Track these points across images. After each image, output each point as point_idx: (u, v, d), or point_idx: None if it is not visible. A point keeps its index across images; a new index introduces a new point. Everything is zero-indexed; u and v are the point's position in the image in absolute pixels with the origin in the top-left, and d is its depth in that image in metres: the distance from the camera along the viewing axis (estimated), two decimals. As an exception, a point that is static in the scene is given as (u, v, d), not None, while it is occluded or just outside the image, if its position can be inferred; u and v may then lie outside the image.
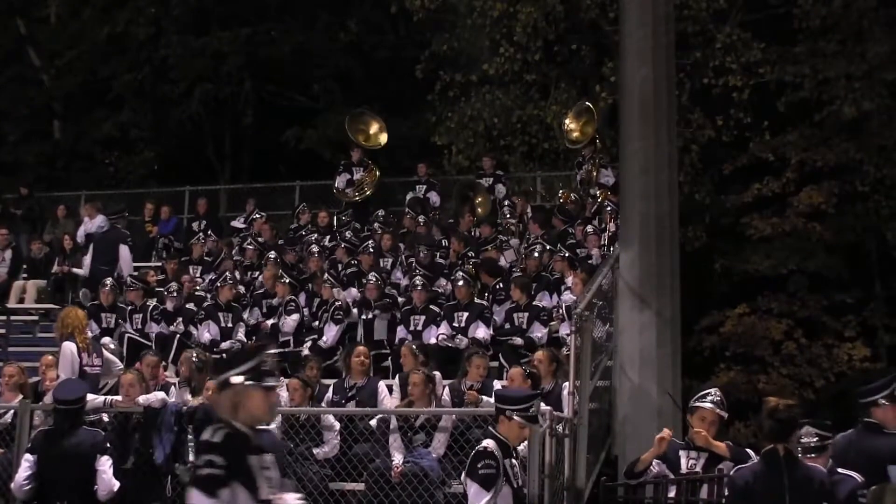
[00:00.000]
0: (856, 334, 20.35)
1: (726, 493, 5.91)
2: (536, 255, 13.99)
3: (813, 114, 20.81)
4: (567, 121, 17.91)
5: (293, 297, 13.99)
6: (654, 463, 7.95)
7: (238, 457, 4.60)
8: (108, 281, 14.87)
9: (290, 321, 13.56)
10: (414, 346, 11.38)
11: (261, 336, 13.42)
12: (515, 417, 6.66)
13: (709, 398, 7.77)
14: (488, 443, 6.58)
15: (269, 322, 13.84)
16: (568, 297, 12.71)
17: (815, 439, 6.78)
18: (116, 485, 8.36)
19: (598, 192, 16.26)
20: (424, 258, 14.84)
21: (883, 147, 20.34)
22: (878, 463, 6.69)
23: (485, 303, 13.08)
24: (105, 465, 8.32)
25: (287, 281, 14.25)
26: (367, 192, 18.06)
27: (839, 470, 6.69)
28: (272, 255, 15.83)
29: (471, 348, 11.55)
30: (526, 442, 7.86)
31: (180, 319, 14.08)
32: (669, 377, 11.23)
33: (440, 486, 9.05)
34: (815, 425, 6.94)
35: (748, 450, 7.34)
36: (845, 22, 20.47)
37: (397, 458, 9.54)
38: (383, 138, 18.93)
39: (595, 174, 16.62)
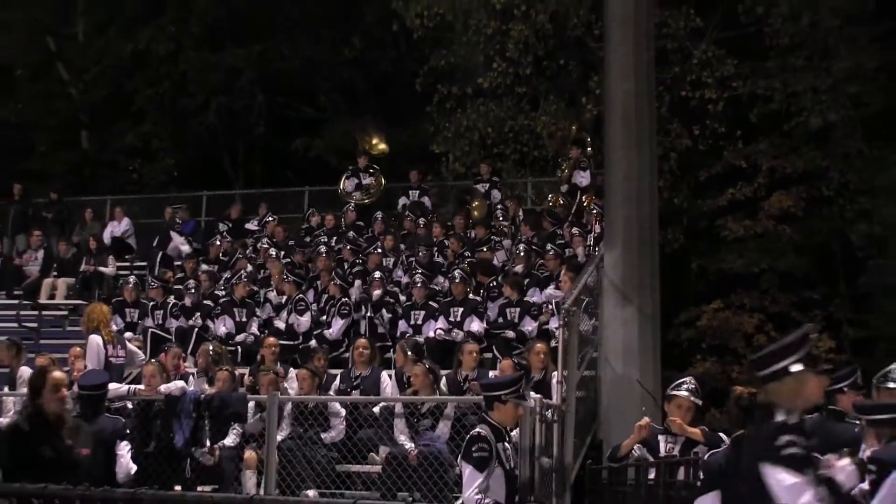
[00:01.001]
0: (822, 328, 20.35)
1: (701, 477, 5.90)
2: (522, 254, 14.02)
3: (782, 124, 20.84)
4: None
5: (302, 295, 14.01)
6: (635, 447, 7.96)
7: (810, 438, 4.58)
8: (131, 279, 15.02)
9: (303, 321, 13.56)
10: (406, 345, 11.41)
11: (273, 331, 13.43)
12: (510, 400, 6.67)
13: (684, 387, 7.77)
14: (482, 428, 6.59)
15: (284, 321, 13.79)
16: (552, 291, 12.73)
17: None
18: (134, 468, 8.35)
19: (569, 191, 16.33)
20: (423, 258, 14.86)
21: (847, 155, 20.37)
22: (838, 447, 6.70)
23: (479, 298, 13.10)
24: (124, 449, 8.30)
25: (292, 279, 14.27)
26: (367, 201, 18.04)
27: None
28: (272, 253, 15.91)
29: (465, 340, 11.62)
30: (518, 428, 7.89)
31: (198, 314, 14.09)
32: (650, 368, 11.26)
33: (450, 467, 9.06)
34: None
35: (721, 434, 7.34)
36: (812, 39, 20.50)
37: (410, 444, 9.54)
38: (385, 147, 18.94)
39: (569, 174, 16.63)
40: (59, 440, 5.93)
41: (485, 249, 15.05)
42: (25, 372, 11.09)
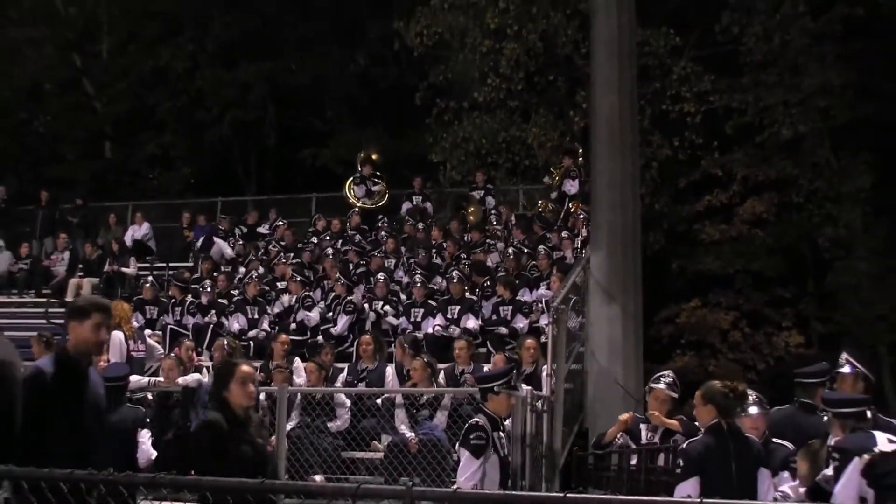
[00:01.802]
0: (792, 324, 20.41)
1: (682, 464, 5.88)
2: (512, 256, 14.04)
3: (755, 135, 20.87)
4: None
5: (309, 293, 13.98)
6: (619, 435, 7.97)
7: None
8: (150, 279, 15.04)
9: (313, 316, 13.51)
10: (404, 341, 11.41)
11: (285, 327, 13.41)
12: (502, 390, 6.67)
13: (662, 381, 7.81)
14: (479, 418, 6.59)
15: (298, 318, 13.75)
16: (543, 291, 12.74)
17: (755, 397, 6.81)
18: (154, 454, 8.35)
19: (558, 197, 16.34)
20: (423, 259, 14.85)
21: (815, 164, 20.41)
22: (807, 438, 6.70)
23: (474, 297, 13.10)
24: (144, 437, 8.30)
25: (298, 279, 14.25)
26: (372, 206, 18.04)
27: (774, 440, 6.72)
28: (282, 256, 15.96)
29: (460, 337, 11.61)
30: (511, 418, 7.89)
31: (213, 312, 14.07)
32: (633, 362, 11.27)
33: (448, 454, 9.06)
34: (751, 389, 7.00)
35: (696, 423, 7.34)
36: (783, 57, 20.54)
37: (410, 433, 9.53)
38: (378, 156, 18.92)
39: (559, 181, 16.64)
40: (253, 437, 5.35)
41: (479, 251, 15.04)
42: None
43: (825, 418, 6.36)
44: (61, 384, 4.76)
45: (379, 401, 10.19)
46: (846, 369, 6.85)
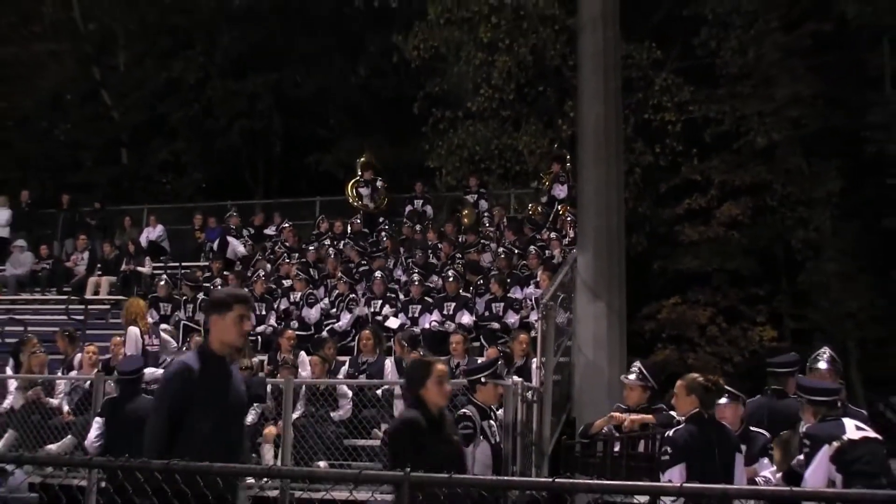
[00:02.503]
0: (766, 320, 20.46)
1: (669, 451, 5.85)
2: (504, 257, 14.05)
3: (732, 143, 20.95)
4: None
5: (312, 291, 13.97)
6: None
7: None
8: (164, 277, 15.01)
9: (313, 313, 13.49)
10: (402, 338, 11.40)
11: (289, 323, 13.40)
12: (489, 381, 6.66)
13: (631, 375, 7.87)
14: (468, 408, 6.59)
15: (297, 313, 13.73)
16: (532, 289, 12.75)
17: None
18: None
19: (548, 201, 16.35)
20: (420, 259, 14.85)
21: (788, 170, 20.49)
22: (786, 420, 6.72)
23: (468, 295, 13.10)
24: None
25: (302, 277, 14.21)
26: (374, 207, 18.05)
27: (751, 428, 6.74)
28: (287, 256, 15.97)
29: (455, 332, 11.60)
30: (503, 409, 7.90)
31: (223, 309, 13.98)
32: (617, 355, 11.26)
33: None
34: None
35: (672, 412, 7.31)
36: (757, 70, 20.63)
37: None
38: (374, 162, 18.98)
39: (549, 186, 16.67)
40: (450, 436, 5.06)
41: (473, 252, 15.04)
42: (84, 359, 11.02)
43: (800, 401, 6.34)
44: (206, 381, 4.49)
45: (379, 392, 10.20)
46: (822, 365, 6.82)
